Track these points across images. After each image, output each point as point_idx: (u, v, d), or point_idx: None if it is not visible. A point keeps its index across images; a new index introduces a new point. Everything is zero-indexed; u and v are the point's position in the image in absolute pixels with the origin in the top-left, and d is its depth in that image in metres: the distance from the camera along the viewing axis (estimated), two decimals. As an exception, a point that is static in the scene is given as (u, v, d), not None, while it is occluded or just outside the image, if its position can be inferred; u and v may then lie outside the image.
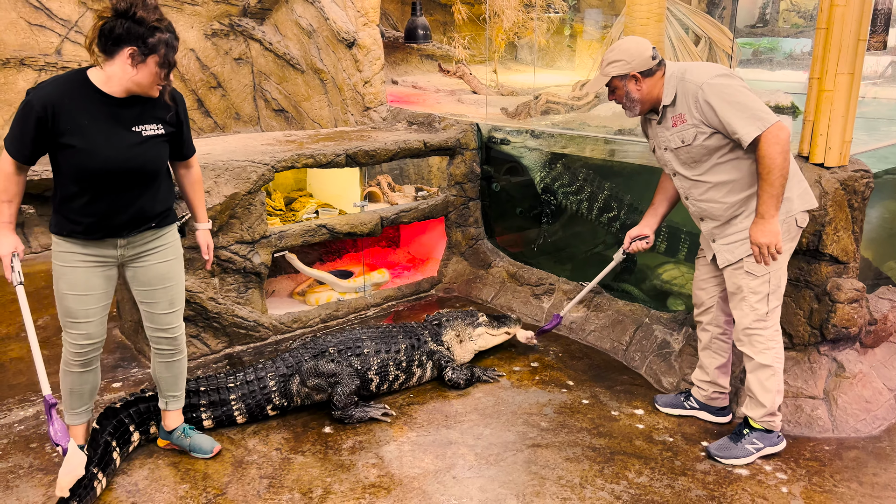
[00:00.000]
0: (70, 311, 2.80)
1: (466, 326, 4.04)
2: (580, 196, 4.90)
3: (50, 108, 2.51)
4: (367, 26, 5.75)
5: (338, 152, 4.51)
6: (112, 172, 2.64)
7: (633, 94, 3.12)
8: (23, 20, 5.75)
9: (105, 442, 2.95)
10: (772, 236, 2.92)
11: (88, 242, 2.73)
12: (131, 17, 2.48)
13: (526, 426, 3.40)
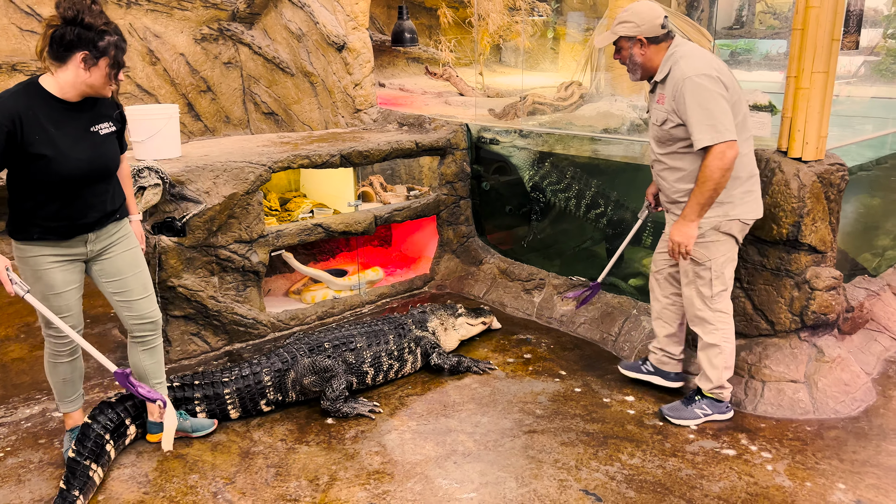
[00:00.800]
0: (54, 308, 2.83)
1: (448, 316, 4.25)
2: (568, 193, 5.04)
3: (17, 121, 2.54)
4: (356, 30, 5.86)
5: (332, 153, 4.61)
6: (83, 175, 2.74)
7: (636, 58, 3.22)
8: (14, 26, 5.79)
9: (97, 435, 3.02)
10: (685, 237, 3.15)
11: (60, 243, 2.81)
12: (80, 23, 2.54)
13: (522, 414, 3.53)
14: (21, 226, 2.74)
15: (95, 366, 4.04)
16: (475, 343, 4.37)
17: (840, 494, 2.89)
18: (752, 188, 3.30)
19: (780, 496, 2.88)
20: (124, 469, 3.07)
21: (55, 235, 2.78)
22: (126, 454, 3.17)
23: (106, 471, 3.03)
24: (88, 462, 2.90)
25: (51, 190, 2.69)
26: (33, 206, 2.70)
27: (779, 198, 3.51)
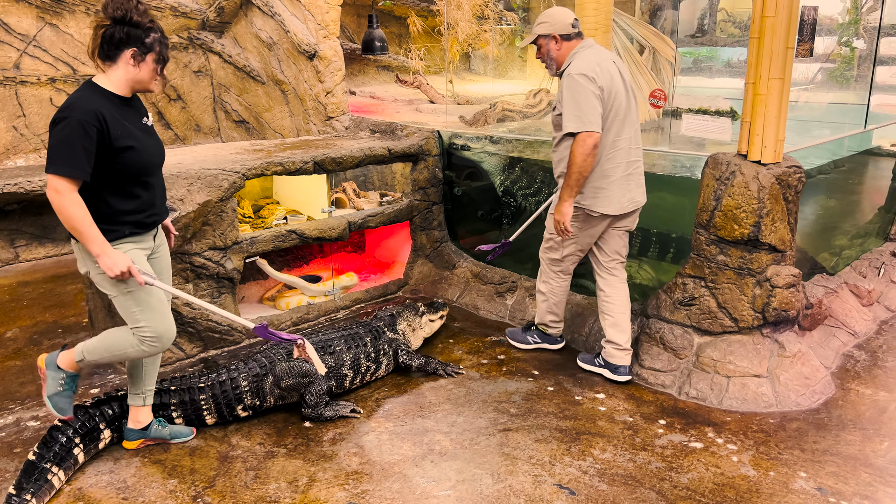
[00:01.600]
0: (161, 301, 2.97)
1: (414, 316, 4.33)
2: (539, 198, 5.15)
3: (102, 119, 2.67)
4: (327, 38, 5.92)
5: (306, 160, 4.66)
6: (157, 164, 2.93)
7: (552, 53, 3.69)
8: (-20, 35, 5.74)
9: (67, 438, 3.02)
10: (561, 215, 3.64)
11: (144, 236, 2.95)
12: (128, 21, 2.69)
13: (496, 413, 3.61)
14: (111, 227, 2.82)
15: (69, 375, 4.03)
16: (450, 346, 4.44)
17: (802, 482, 3.02)
18: (605, 187, 3.69)
19: (745, 485, 2.99)
20: (102, 476, 3.07)
21: (142, 228, 2.92)
22: (104, 461, 3.18)
23: (70, 475, 3.03)
24: (49, 465, 2.90)
25: (136, 181, 2.85)
26: (122, 201, 2.82)
27: (739, 199, 3.65)
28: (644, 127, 5.84)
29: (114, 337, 2.98)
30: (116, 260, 2.74)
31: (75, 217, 2.68)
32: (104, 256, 2.73)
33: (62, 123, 2.64)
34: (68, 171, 2.64)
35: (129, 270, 2.76)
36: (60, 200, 2.67)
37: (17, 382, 3.94)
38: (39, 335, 4.59)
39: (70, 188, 2.67)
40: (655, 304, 4.12)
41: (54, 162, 2.63)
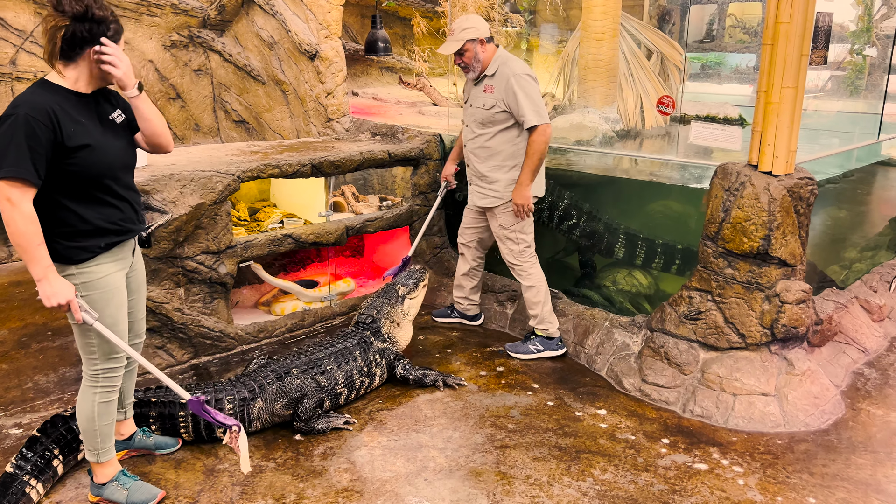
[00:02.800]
0: (121, 332, 2.72)
1: (395, 307, 4.09)
2: (540, 205, 5.03)
3: (53, 116, 2.40)
4: (329, 38, 5.81)
5: (303, 162, 4.55)
6: (122, 165, 2.65)
7: (479, 55, 3.98)
8: (-25, 29, 5.64)
9: (46, 449, 2.91)
10: (525, 199, 4.01)
11: (120, 249, 2.71)
12: (90, 18, 2.43)
13: (494, 428, 3.48)
14: (83, 245, 2.56)
15: (55, 380, 3.93)
16: (447, 356, 4.32)
17: (811, 509, 2.89)
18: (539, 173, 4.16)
19: (751, 511, 2.87)
20: (82, 489, 2.96)
21: (117, 236, 2.65)
22: (83, 473, 3.06)
23: (49, 487, 2.92)
24: (28, 477, 2.79)
25: (99, 185, 2.56)
26: (87, 209, 2.54)
27: (749, 211, 3.53)
28: (650, 133, 5.73)
29: (80, 412, 2.75)
30: (58, 289, 2.46)
31: (25, 234, 2.37)
32: (45, 283, 2.44)
33: (7, 122, 2.35)
34: (16, 173, 2.33)
35: (69, 304, 2.50)
36: (12, 212, 2.35)
37: (3, 387, 3.83)
38: (28, 338, 4.48)
39: (23, 196, 2.36)
40: (660, 318, 4.00)
41: (3, 165, 2.32)
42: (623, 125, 5.75)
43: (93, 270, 2.61)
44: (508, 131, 4.03)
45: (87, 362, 2.73)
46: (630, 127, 5.78)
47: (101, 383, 2.75)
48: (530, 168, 3.96)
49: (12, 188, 2.36)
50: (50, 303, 2.47)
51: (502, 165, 4.11)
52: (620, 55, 5.92)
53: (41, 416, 3.52)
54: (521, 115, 3.89)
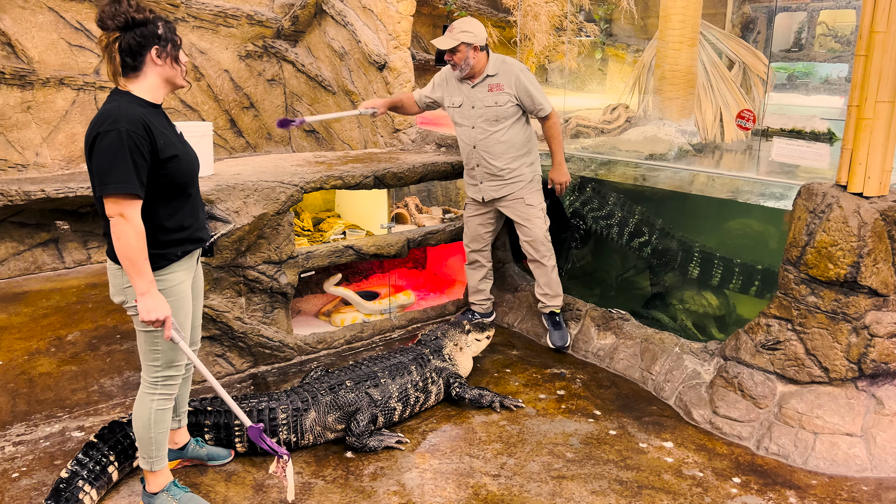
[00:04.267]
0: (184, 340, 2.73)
1: (460, 334, 4.08)
2: (610, 220, 4.84)
3: (148, 129, 2.46)
4: (398, 49, 5.78)
5: (366, 174, 4.52)
6: (196, 173, 2.75)
7: (470, 60, 4.20)
8: (63, 41, 5.90)
9: (103, 455, 2.94)
10: (567, 176, 4.44)
11: (190, 258, 2.76)
12: (134, 24, 2.47)
13: (551, 456, 3.33)
14: (162, 252, 2.60)
15: (119, 384, 4.01)
16: (506, 375, 4.19)
17: (900, 568, 2.61)
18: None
19: (831, 566, 2.62)
20: (135, 497, 2.98)
21: (191, 244, 2.72)
22: (137, 481, 3.08)
23: (104, 493, 2.94)
24: (82, 483, 2.81)
25: (182, 192, 2.65)
26: (169, 217, 2.61)
27: (836, 235, 3.26)
28: (730, 148, 5.44)
29: (137, 419, 2.77)
30: (159, 305, 2.49)
31: (135, 248, 2.42)
32: (148, 297, 2.48)
33: (109, 137, 2.38)
34: (128, 189, 2.38)
35: (165, 322, 2.53)
36: (126, 227, 2.40)
37: (70, 389, 3.94)
38: (98, 340, 4.61)
39: (133, 210, 2.41)
40: (734, 346, 3.75)
41: (112, 181, 2.37)
42: (701, 139, 5.48)
43: (168, 277, 2.65)
44: (518, 122, 4.32)
45: (148, 369, 2.75)
46: (708, 141, 5.50)
47: (159, 390, 2.77)
48: (560, 147, 4.38)
49: (123, 204, 2.42)
50: (148, 317, 2.49)
51: (517, 155, 4.36)
52: (699, 65, 5.66)
53: (103, 420, 3.59)
54: (539, 105, 4.25)
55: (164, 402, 2.78)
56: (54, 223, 5.90)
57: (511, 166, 4.36)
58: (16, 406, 3.75)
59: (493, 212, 4.60)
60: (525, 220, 4.44)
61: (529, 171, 4.40)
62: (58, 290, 5.50)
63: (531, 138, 4.42)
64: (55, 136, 6.01)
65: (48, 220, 5.87)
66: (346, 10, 6.10)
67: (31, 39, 5.74)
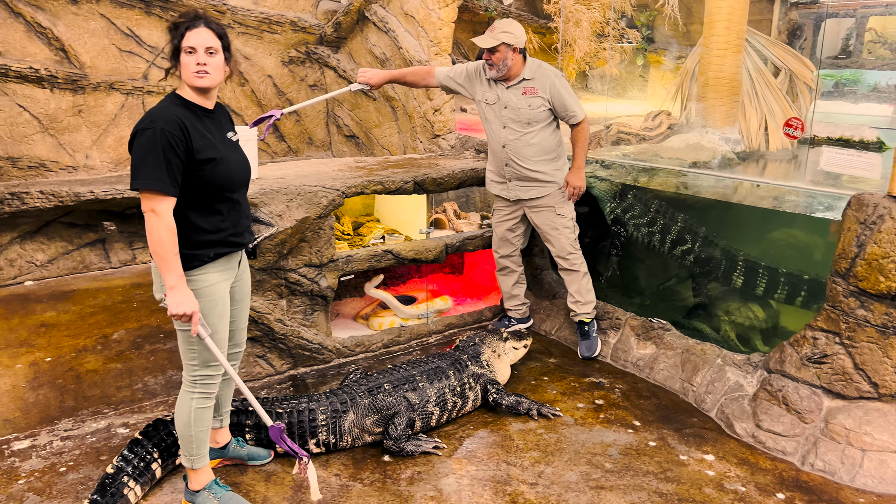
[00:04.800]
0: (221, 340, 2.81)
1: (498, 342, 4.10)
2: (652, 228, 4.78)
3: (185, 130, 2.53)
4: (439, 55, 5.81)
5: (406, 179, 4.54)
6: (240, 180, 2.78)
7: (508, 61, 4.22)
8: (114, 46, 6.06)
9: (147, 452, 3.01)
10: (583, 181, 4.42)
11: (228, 260, 2.80)
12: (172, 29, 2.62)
13: (589, 466, 3.30)
14: (195, 251, 2.67)
15: (162, 382, 4.09)
16: (543, 383, 4.16)
17: (954, 593, 2.52)
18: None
19: (880, 588, 2.54)
20: (178, 494, 3.03)
21: (226, 247, 2.76)
22: (180, 478, 3.14)
23: (147, 489, 3.00)
24: (127, 479, 2.88)
25: (220, 196, 2.70)
26: (204, 219, 2.67)
27: (888, 247, 3.17)
28: (775, 156, 5.34)
29: (178, 417, 2.83)
30: (186, 300, 2.56)
31: (165, 243, 2.50)
32: (176, 291, 2.54)
33: (146, 135, 2.49)
34: (157, 186, 2.47)
35: (192, 317, 2.59)
36: (156, 222, 2.48)
37: (115, 386, 4.03)
38: (142, 339, 4.71)
39: (164, 207, 2.49)
40: (779, 358, 3.67)
41: (143, 177, 2.47)
42: (745, 147, 5.39)
43: (200, 278, 2.69)
44: (548, 127, 4.35)
45: (188, 368, 2.81)
46: (752, 149, 5.41)
47: (198, 389, 2.82)
48: (584, 153, 4.39)
49: (155, 199, 2.49)
50: (176, 310, 2.55)
51: (546, 159, 4.37)
52: (744, 72, 5.57)
53: (146, 418, 3.67)
54: (572, 111, 4.28)
55: (203, 401, 2.84)
56: (102, 224, 6.05)
57: (541, 168, 4.37)
58: (63, 402, 3.85)
59: (522, 216, 4.60)
60: (553, 229, 4.46)
61: (559, 175, 4.42)
62: (104, 290, 5.63)
63: (560, 144, 4.45)
64: (104, 139, 6.17)
65: (96, 221, 6.02)
66: (388, 16, 6.15)
67: (84, 45, 5.90)
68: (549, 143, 4.37)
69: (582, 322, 4.54)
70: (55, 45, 5.79)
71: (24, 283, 5.74)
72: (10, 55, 5.63)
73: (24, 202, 5.44)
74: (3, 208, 5.40)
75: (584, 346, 4.52)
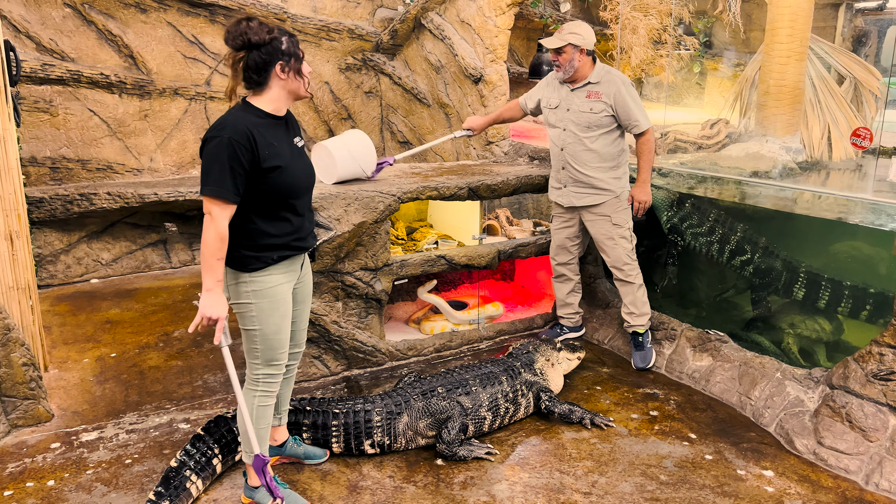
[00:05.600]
0: (282, 341, 2.87)
1: (552, 351, 4.08)
2: (710, 238, 4.71)
3: (252, 138, 2.60)
4: (494, 63, 5.83)
5: (461, 185, 4.57)
6: (305, 186, 2.84)
7: (574, 63, 4.21)
8: (179, 53, 6.26)
9: (208, 447, 3.09)
10: (648, 196, 4.35)
11: (291, 263, 2.86)
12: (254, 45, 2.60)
13: (644, 478, 3.26)
14: (259, 253, 2.74)
15: (221, 380, 4.20)
16: (596, 393, 4.13)
17: None
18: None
19: None
20: (237, 490, 3.11)
21: (290, 251, 2.82)
22: (238, 474, 3.22)
23: (208, 484, 3.09)
24: (189, 473, 2.96)
25: (284, 203, 2.76)
26: (269, 224, 2.73)
27: (963, 262, 3.06)
28: (838, 166, 5.21)
29: (241, 409, 2.87)
30: (218, 304, 2.62)
31: (212, 246, 2.58)
32: (211, 294, 2.61)
33: (213, 143, 2.58)
34: (219, 193, 2.57)
35: (217, 323, 2.64)
36: (209, 225, 2.59)
37: (176, 383, 4.16)
38: (202, 337, 4.84)
39: (222, 213, 2.59)
40: (843, 374, 3.57)
41: (207, 183, 2.57)
42: (806, 156, 5.27)
43: (263, 280, 2.76)
44: (609, 134, 4.27)
45: (250, 366, 2.89)
46: (815, 158, 5.28)
47: (260, 387, 2.89)
48: (649, 166, 4.29)
49: (215, 205, 2.58)
50: (206, 313, 2.62)
51: (605, 167, 4.31)
52: (807, 80, 5.44)
53: (206, 414, 3.77)
54: (635, 120, 4.19)
55: (265, 399, 2.91)
56: (163, 225, 6.25)
57: (597, 175, 4.31)
58: (128, 396, 3.99)
59: (579, 223, 4.56)
60: (609, 238, 4.41)
61: (617, 184, 4.34)
62: (165, 289, 5.82)
63: (623, 153, 4.36)
64: (168, 142, 6.38)
65: (158, 222, 6.22)
66: (444, 24, 6.21)
67: (151, 52, 6.12)
68: (610, 150, 4.31)
69: (636, 333, 4.49)
70: (124, 52, 6.02)
71: (91, 281, 5.97)
72: (83, 62, 5.87)
73: (92, 203, 5.66)
74: (73, 209, 5.63)
75: (637, 357, 4.47)
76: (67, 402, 3.89)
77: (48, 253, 5.75)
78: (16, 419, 3.59)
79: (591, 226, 4.46)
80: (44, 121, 5.77)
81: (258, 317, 2.78)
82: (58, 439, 3.51)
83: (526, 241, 4.98)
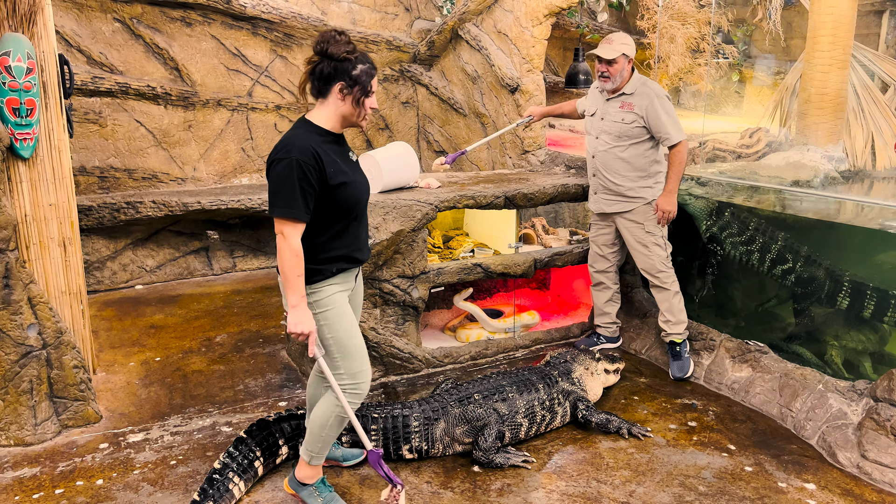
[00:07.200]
0: (358, 346, 2.90)
1: (591, 361, 4.08)
2: (751, 247, 4.66)
3: (318, 157, 2.65)
4: (531, 72, 5.87)
5: (497, 194, 4.61)
6: (365, 200, 2.90)
7: (625, 72, 4.28)
8: (222, 65, 6.43)
9: (250, 450, 3.16)
10: (673, 206, 4.32)
11: (349, 274, 2.91)
12: (329, 56, 2.65)
13: (682, 488, 3.24)
14: (321, 266, 2.79)
15: (262, 384, 4.28)
16: (633, 403, 4.11)
17: None
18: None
19: None
20: (278, 492, 3.18)
21: (349, 263, 2.88)
22: (280, 476, 3.28)
23: (250, 486, 3.15)
24: (232, 475, 3.03)
25: (348, 216, 2.82)
26: (333, 238, 2.79)
27: None
28: (882, 175, 5.12)
29: (317, 415, 2.93)
30: (304, 320, 2.68)
31: (289, 266, 2.64)
32: (297, 311, 2.68)
33: (282, 164, 2.62)
34: (291, 214, 2.62)
35: (309, 337, 2.70)
36: (283, 244, 2.64)
37: (219, 387, 4.26)
38: (243, 343, 4.95)
39: (293, 232, 2.64)
40: (887, 386, 3.50)
41: (278, 205, 2.63)
42: (849, 165, 5.19)
43: (323, 290, 2.82)
44: (641, 145, 4.32)
45: (336, 377, 2.90)
46: (858, 167, 5.19)
47: (348, 398, 2.91)
48: (677, 177, 4.27)
49: (285, 224, 2.65)
50: (294, 329, 2.68)
51: (635, 176, 4.36)
52: (850, 87, 5.36)
53: (248, 418, 3.86)
54: (666, 133, 4.20)
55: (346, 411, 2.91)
56: (206, 233, 6.41)
57: (626, 184, 4.37)
58: (172, 399, 4.09)
59: (615, 230, 4.60)
60: (642, 246, 4.44)
61: (649, 192, 4.37)
62: (207, 295, 5.95)
63: (655, 163, 4.38)
64: (211, 152, 6.54)
65: (200, 230, 6.38)
66: (481, 34, 6.26)
67: (195, 64, 6.29)
68: (641, 161, 4.34)
69: (673, 342, 4.46)
70: (170, 65, 6.20)
71: (135, 287, 6.14)
72: (130, 74, 6.07)
73: (137, 211, 5.83)
74: (120, 216, 5.80)
75: (675, 367, 4.44)
76: (114, 404, 4.01)
77: (95, 259, 5.93)
78: (66, 419, 3.71)
79: (626, 233, 4.49)
80: (93, 131, 5.97)
81: (327, 325, 2.82)
82: (106, 440, 3.63)
83: (562, 249, 4.98)
